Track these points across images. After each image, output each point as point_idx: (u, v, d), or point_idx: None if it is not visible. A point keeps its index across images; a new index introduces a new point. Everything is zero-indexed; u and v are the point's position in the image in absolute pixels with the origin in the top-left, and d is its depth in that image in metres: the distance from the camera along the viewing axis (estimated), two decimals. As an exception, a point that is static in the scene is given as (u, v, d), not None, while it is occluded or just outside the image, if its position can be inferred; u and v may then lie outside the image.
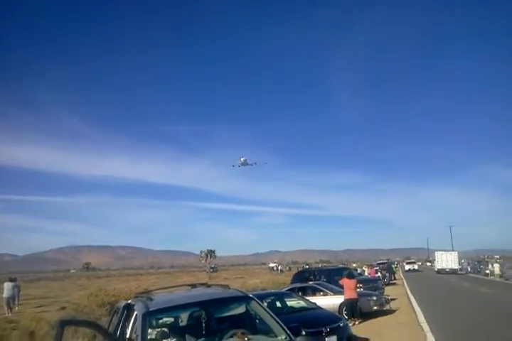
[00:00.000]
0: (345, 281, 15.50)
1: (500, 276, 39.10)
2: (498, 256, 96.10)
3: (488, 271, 45.09)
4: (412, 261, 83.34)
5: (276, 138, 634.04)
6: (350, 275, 16.26)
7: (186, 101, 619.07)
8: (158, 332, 5.55)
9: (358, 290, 16.61)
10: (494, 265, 43.21)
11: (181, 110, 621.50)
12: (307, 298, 13.45)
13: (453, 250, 64.82)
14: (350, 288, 15.19)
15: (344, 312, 15.09)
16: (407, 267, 71.93)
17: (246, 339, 5.13)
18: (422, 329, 12.57)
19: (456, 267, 53.86)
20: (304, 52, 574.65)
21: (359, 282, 18.93)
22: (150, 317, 5.34)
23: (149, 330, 5.30)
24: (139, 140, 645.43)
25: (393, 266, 52.68)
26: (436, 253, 58.47)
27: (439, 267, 54.52)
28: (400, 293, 26.19)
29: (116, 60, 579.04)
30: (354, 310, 15.09)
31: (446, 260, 54.23)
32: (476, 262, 59.35)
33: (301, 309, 11.58)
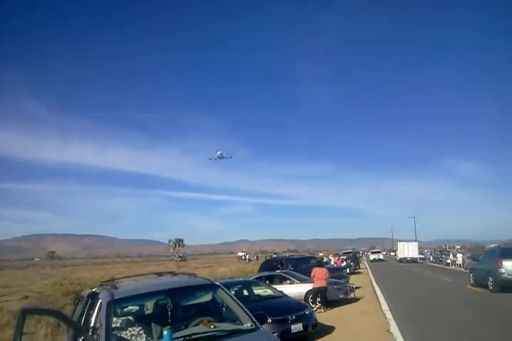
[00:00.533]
0: (316, 270, 15.77)
1: (460, 266, 40.39)
2: (459, 246, 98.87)
3: (449, 261, 46.56)
4: (377, 250, 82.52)
5: (246, 128, 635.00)
6: (321, 265, 16.74)
7: (156, 88, 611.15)
8: (123, 320, 5.51)
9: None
10: (457, 255, 44.48)
11: (151, 97, 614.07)
12: (274, 286, 13.57)
13: (415, 240, 70.45)
14: (320, 277, 15.45)
15: (310, 301, 15.36)
16: (372, 257, 70.01)
17: (212, 326, 5.14)
18: (385, 317, 12.87)
19: (417, 256, 57.42)
20: (273, 43, 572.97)
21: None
22: (115, 305, 5.29)
23: (114, 319, 5.25)
24: (107, 126, 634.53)
25: (358, 255, 54.97)
26: (398, 243, 63.26)
27: (401, 256, 57.98)
28: (365, 282, 26.76)
29: (84, 44, 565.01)
30: (323, 298, 15.37)
31: (408, 250, 57.56)
32: (438, 252, 61.22)
33: (268, 297, 11.70)
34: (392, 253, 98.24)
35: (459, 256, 43.72)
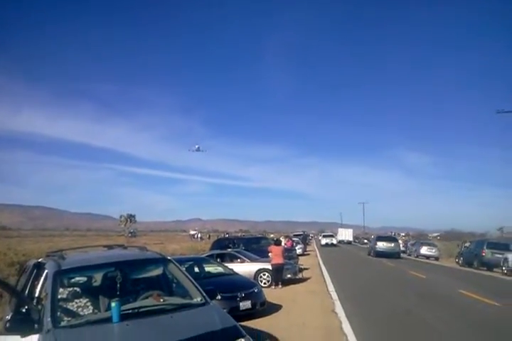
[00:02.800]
0: (273, 248, 16.24)
1: (404, 252, 42.10)
2: (403, 234, 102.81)
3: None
4: (330, 234, 71.83)
5: (204, 106, 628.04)
6: (278, 243, 17.21)
7: (114, 59, 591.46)
8: (69, 291, 5.36)
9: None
10: (401, 241, 46.36)
11: (108, 68, 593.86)
12: (225, 264, 13.67)
13: (363, 226, 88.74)
14: (277, 255, 15.86)
15: (267, 279, 15.87)
16: (324, 241, 62.66)
17: (162, 300, 5.10)
18: (331, 297, 13.29)
19: (351, 239, 78.08)
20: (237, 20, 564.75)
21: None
22: (61, 276, 5.15)
23: (60, 289, 5.09)
24: (61, 96, 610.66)
25: (308, 238, 58.56)
26: (338, 229, 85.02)
27: (340, 239, 73.97)
28: (313, 264, 27.44)
29: (39, 7, 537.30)
30: (279, 274, 15.75)
31: (345, 234, 77.04)
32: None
33: (219, 274, 11.79)
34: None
35: (399, 241, 45.56)
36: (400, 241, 45.17)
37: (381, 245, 36.58)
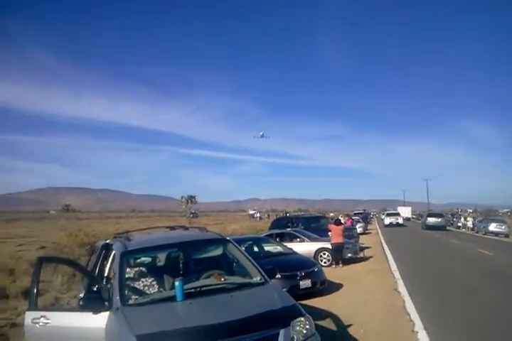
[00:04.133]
0: (332, 227, 16.10)
1: (472, 229, 40.66)
2: (471, 210, 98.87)
3: (460, 224, 46.89)
4: (395, 212, 61.14)
5: (257, 86, 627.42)
6: (338, 222, 16.95)
7: (167, 42, 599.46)
8: (136, 271, 5.64)
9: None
10: (468, 218, 44.72)
11: (161, 51, 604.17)
12: (284, 243, 13.78)
13: (428, 203, 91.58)
14: (337, 234, 15.78)
15: (327, 258, 15.89)
16: (387, 220, 52.72)
17: (223, 279, 5.24)
18: (394, 277, 13.09)
19: (410, 216, 78.72)
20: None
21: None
22: (128, 256, 5.41)
23: (127, 269, 5.38)
24: (118, 80, 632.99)
25: (369, 216, 56.23)
26: (398, 207, 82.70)
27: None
28: (374, 242, 27.07)
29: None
30: (339, 254, 15.72)
31: (404, 212, 73.70)
32: (449, 215, 61.58)
33: (278, 254, 11.89)
34: None
35: (470, 219, 44.10)
36: (469, 219, 43.76)
37: (430, 220, 43.24)
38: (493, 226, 35.87)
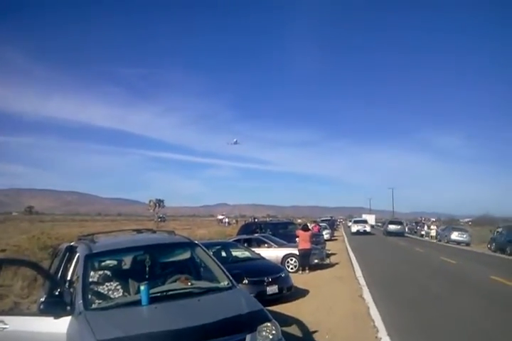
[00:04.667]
0: (300, 233, 16.19)
1: (435, 238, 41.59)
2: (434, 219, 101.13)
3: (423, 232, 47.93)
4: (362, 219, 58.86)
5: (229, 89, 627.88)
6: (306, 228, 17.05)
7: (137, 43, 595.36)
8: (100, 275, 5.50)
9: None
10: (432, 227, 45.60)
11: (132, 52, 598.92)
12: (252, 249, 13.75)
13: (393, 211, 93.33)
14: (304, 240, 15.88)
15: (294, 264, 15.93)
16: (354, 228, 50.79)
17: (189, 283, 5.18)
18: (359, 283, 13.22)
19: (374, 224, 79.14)
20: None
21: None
22: (92, 259, 5.28)
23: (91, 273, 5.23)
24: (88, 81, 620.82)
25: (336, 223, 57.41)
26: (362, 215, 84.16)
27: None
28: (340, 249, 27.35)
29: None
30: (306, 260, 15.78)
31: (369, 219, 71.95)
32: (413, 223, 63.09)
33: (246, 259, 11.87)
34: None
35: (433, 228, 44.93)
36: (433, 228, 44.63)
37: (391, 227, 47.91)
38: (455, 235, 36.91)
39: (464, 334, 7.42)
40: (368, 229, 50.60)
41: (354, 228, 51.06)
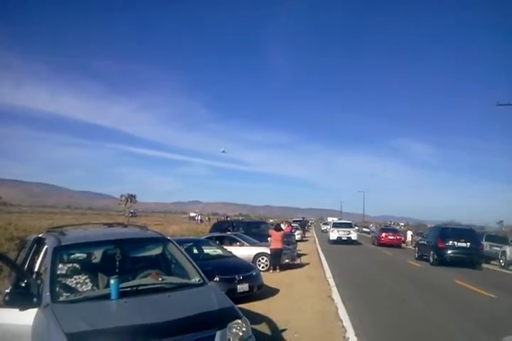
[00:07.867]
0: (272, 232, 16.31)
1: (409, 244, 41.70)
2: (403, 224, 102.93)
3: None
4: (347, 222, 43.12)
5: (205, 88, 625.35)
6: (279, 228, 17.16)
7: (116, 37, 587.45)
8: (69, 267, 5.37)
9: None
10: (408, 232, 44.43)
11: (110, 45, 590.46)
12: (224, 247, 13.73)
13: (363, 214, 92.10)
14: (276, 239, 15.99)
15: (265, 264, 16.02)
16: (334, 234, 36.94)
17: (160, 279, 5.12)
18: (328, 284, 13.36)
19: None
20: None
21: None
22: (61, 251, 5.15)
23: (60, 265, 5.09)
24: (61, 71, 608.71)
25: (308, 224, 58.17)
26: (328, 218, 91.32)
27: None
28: (311, 250, 27.55)
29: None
30: (277, 259, 15.89)
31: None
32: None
33: (217, 256, 11.87)
34: None
35: (409, 233, 42.61)
36: (409, 233, 43.17)
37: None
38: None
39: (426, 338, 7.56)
40: (353, 236, 37.38)
41: (334, 234, 37.33)
